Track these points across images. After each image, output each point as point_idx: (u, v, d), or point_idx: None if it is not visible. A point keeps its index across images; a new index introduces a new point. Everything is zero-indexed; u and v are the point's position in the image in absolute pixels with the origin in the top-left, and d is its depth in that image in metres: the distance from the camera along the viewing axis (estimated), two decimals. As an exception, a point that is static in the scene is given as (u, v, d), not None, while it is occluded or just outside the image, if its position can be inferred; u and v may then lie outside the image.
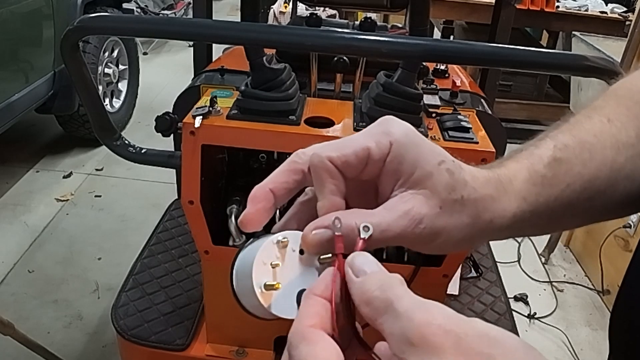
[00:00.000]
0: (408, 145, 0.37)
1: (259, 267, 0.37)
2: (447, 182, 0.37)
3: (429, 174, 0.37)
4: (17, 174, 3.04)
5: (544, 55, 1.01)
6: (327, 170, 0.36)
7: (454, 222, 0.38)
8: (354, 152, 0.36)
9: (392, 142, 0.37)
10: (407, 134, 0.37)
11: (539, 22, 3.86)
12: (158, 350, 1.21)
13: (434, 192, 0.37)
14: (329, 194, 0.37)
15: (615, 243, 2.31)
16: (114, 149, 1.23)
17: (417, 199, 0.37)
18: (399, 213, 0.36)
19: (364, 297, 0.31)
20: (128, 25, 1.06)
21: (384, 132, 0.37)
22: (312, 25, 1.15)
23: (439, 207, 0.37)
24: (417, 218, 0.36)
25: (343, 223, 0.35)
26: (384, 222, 0.36)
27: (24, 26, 2.65)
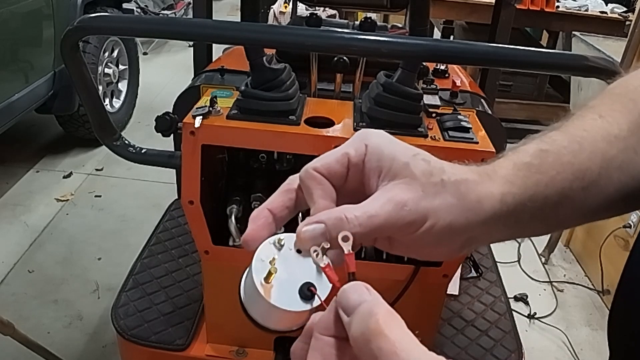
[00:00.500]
0: (382, 144, 0.40)
1: (257, 264, 0.39)
2: (424, 168, 0.39)
3: (406, 164, 0.39)
4: (17, 174, 3.04)
5: (544, 55, 1.01)
6: (313, 178, 0.40)
7: (439, 202, 0.39)
8: (335, 159, 0.40)
9: (367, 144, 0.40)
10: (380, 136, 0.41)
11: (539, 22, 3.86)
12: (158, 350, 1.21)
13: (414, 178, 0.39)
14: (318, 198, 0.39)
15: (615, 243, 2.31)
16: (114, 149, 1.23)
17: (399, 186, 0.38)
18: (383, 200, 0.38)
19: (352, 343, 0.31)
20: (128, 25, 1.06)
21: (360, 139, 0.41)
22: (312, 25, 1.15)
23: (420, 190, 0.38)
24: (401, 202, 0.38)
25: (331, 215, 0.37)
26: (371, 209, 0.37)
27: (24, 26, 2.65)
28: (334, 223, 0.37)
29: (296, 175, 0.42)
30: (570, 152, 0.43)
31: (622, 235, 2.28)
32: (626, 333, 0.49)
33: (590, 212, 0.45)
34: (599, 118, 0.45)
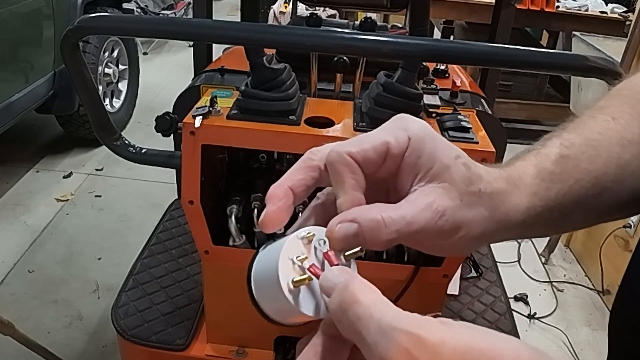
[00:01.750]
0: (425, 139, 0.37)
1: (284, 263, 0.35)
2: (464, 174, 0.37)
3: (447, 167, 0.37)
4: (17, 174, 3.04)
5: (544, 55, 1.01)
6: (347, 165, 0.36)
7: (474, 214, 0.38)
8: (373, 146, 0.36)
9: (410, 137, 0.37)
10: (423, 129, 0.38)
11: (539, 22, 3.86)
12: (158, 350, 1.21)
13: (453, 184, 0.37)
14: (350, 189, 0.36)
15: (615, 243, 2.31)
16: (114, 149, 1.23)
17: (438, 192, 0.36)
18: (422, 206, 0.36)
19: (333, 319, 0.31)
20: (128, 25, 1.06)
21: (401, 127, 0.37)
22: (312, 25, 1.15)
23: (459, 199, 0.37)
24: (440, 210, 0.36)
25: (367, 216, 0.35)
26: (408, 214, 0.35)
27: (24, 26, 2.65)
28: (370, 226, 0.34)
29: (318, 149, 0.39)
30: (588, 159, 0.43)
31: (622, 235, 2.28)
32: (627, 329, 0.49)
33: (600, 215, 0.45)
34: (612, 120, 0.45)
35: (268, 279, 0.36)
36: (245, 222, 1.13)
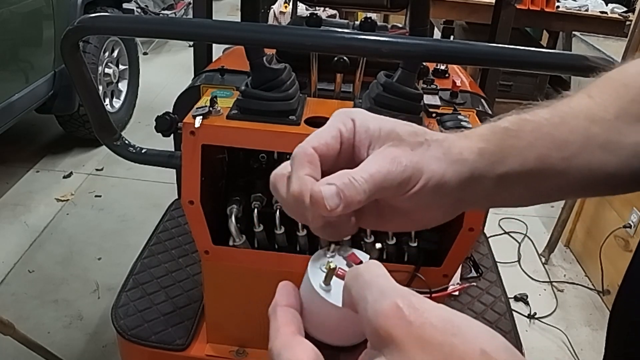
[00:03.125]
0: (367, 117, 0.42)
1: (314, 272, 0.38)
2: (409, 130, 0.41)
3: (392, 128, 0.41)
4: (17, 174, 3.04)
5: (544, 55, 1.01)
6: (308, 156, 0.39)
7: (428, 157, 0.40)
8: (330, 135, 0.41)
9: (353, 119, 0.41)
10: (361, 111, 0.42)
11: (539, 22, 3.87)
12: (158, 350, 1.21)
13: (401, 140, 0.40)
14: (303, 175, 0.39)
15: (615, 243, 2.31)
16: (114, 149, 1.23)
17: (390, 148, 0.40)
18: (380, 159, 0.39)
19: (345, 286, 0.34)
20: (128, 25, 1.06)
21: (345, 116, 0.42)
22: (312, 25, 1.15)
23: (409, 149, 0.40)
24: (396, 157, 0.39)
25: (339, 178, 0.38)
26: (371, 168, 0.38)
27: (24, 26, 2.65)
28: (344, 183, 0.37)
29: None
30: (551, 124, 0.44)
31: (622, 235, 2.28)
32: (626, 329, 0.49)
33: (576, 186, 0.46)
34: (587, 97, 0.46)
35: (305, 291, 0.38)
36: (245, 222, 1.13)
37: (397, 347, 0.28)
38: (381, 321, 0.29)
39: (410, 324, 0.28)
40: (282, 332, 0.34)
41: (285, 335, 0.34)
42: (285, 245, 1.10)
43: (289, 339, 0.34)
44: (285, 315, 0.36)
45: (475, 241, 1.35)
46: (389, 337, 0.29)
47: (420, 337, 0.28)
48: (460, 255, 1.07)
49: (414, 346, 0.28)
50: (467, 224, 1.00)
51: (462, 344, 0.28)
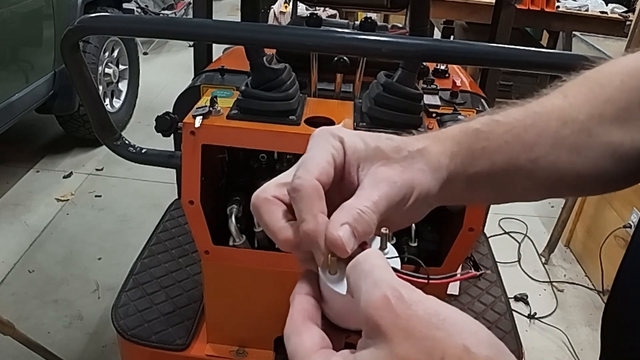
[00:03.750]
0: (351, 135, 0.42)
1: None
2: (392, 146, 0.42)
3: (376, 147, 0.41)
4: (17, 174, 3.04)
5: (544, 55, 1.01)
6: (317, 191, 0.38)
7: (416, 171, 0.42)
8: (327, 162, 0.40)
9: (342, 141, 0.41)
10: (342, 129, 0.42)
11: (539, 22, 3.87)
12: (158, 350, 1.21)
13: (389, 158, 0.41)
14: (319, 213, 0.38)
15: (615, 243, 2.31)
16: (114, 149, 1.23)
17: (381, 169, 0.40)
18: (377, 184, 0.40)
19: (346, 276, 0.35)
20: (128, 25, 1.06)
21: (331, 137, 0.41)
22: (312, 25, 1.15)
23: (399, 166, 0.41)
24: (392, 179, 0.40)
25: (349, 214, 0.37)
26: (373, 195, 0.39)
27: (24, 26, 2.65)
28: (356, 219, 0.37)
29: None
30: (522, 126, 0.45)
31: (622, 236, 2.28)
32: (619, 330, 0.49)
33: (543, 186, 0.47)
34: (562, 98, 0.47)
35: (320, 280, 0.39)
36: (245, 222, 1.13)
37: (383, 337, 0.29)
38: (371, 311, 0.30)
39: (397, 316, 0.29)
40: (295, 319, 0.36)
41: (297, 321, 0.36)
42: (285, 245, 1.10)
43: (299, 325, 0.35)
44: (300, 303, 0.37)
45: (475, 241, 1.35)
46: (377, 328, 0.30)
47: (405, 329, 0.29)
48: (460, 255, 1.07)
49: (399, 338, 0.29)
50: (467, 224, 1.00)
51: (445, 338, 0.28)
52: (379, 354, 0.30)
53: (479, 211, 1.01)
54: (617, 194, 2.38)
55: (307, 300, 0.37)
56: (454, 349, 0.28)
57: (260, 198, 0.40)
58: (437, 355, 0.28)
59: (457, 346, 0.28)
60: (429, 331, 0.29)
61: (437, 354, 0.28)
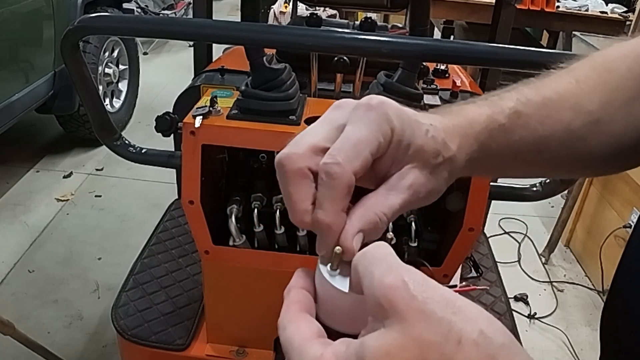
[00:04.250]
0: (404, 127, 0.39)
1: None
2: (434, 149, 0.41)
3: (421, 147, 0.40)
4: (17, 174, 3.04)
5: (544, 55, 1.01)
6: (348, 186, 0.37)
7: (439, 180, 0.42)
8: (371, 152, 0.37)
9: (392, 129, 0.39)
10: (399, 116, 0.39)
11: (539, 22, 3.87)
12: (158, 350, 1.21)
13: (426, 162, 0.40)
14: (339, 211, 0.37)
15: (615, 243, 2.31)
16: (114, 149, 1.23)
17: (414, 172, 0.40)
18: (403, 190, 0.39)
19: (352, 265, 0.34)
20: (128, 25, 1.06)
21: (384, 117, 0.38)
22: (312, 25, 1.15)
23: (429, 173, 0.41)
24: (418, 189, 0.40)
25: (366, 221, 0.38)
26: (396, 204, 0.39)
27: (24, 26, 2.65)
28: (371, 228, 0.38)
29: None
30: (538, 118, 0.46)
31: (622, 235, 2.28)
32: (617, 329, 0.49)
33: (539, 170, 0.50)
34: (574, 83, 0.47)
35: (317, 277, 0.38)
36: (245, 222, 1.13)
37: (398, 317, 0.29)
38: (386, 291, 0.30)
39: (414, 297, 0.29)
40: (291, 309, 0.36)
41: (293, 311, 0.35)
42: (285, 245, 1.10)
43: (296, 315, 0.35)
44: (297, 295, 0.37)
45: (475, 241, 1.35)
46: (392, 308, 0.29)
47: (422, 310, 0.28)
48: (460, 255, 1.07)
49: (415, 318, 0.28)
50: (467, 224, 1.00)
51: (461, 321, 0.28)
52: (390, 335, 0.29)
53: (479, 211, 1.01)
54: (617, 194, 2.38)
55: (304, 294, 0.37)
56: (471, 332, 0.28)
57: (294, 167, 0.38)
58: (453, 338, 0.27)
59: (474, 330, 0.28)
60: (445, 314, 0.28)
61: (453, 336, 0.27)
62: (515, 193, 1.27)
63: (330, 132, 0.39)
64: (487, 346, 0.28)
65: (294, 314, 0.35)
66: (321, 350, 0.31)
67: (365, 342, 0.29)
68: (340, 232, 0.37)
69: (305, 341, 0.33)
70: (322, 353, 0.31)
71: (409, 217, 1.09)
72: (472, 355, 0.27)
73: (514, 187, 1.27)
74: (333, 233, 0.37)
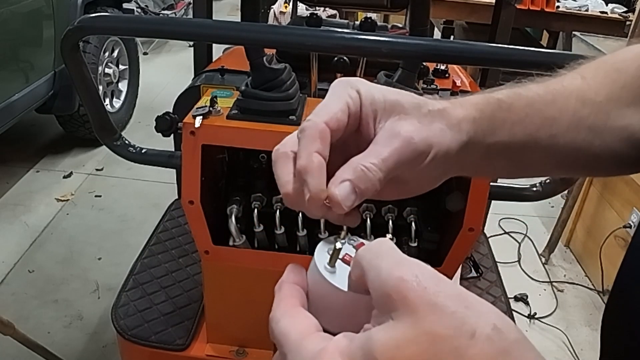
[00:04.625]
0: (369, 86, 0.41)
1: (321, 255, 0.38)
2: (413, 102, 0.41)
3: (396, 100, 0.40)
4: (17, 174, 3.04)
5: (544, 55, 1.01)
6: (321, 132, 0.38)
7: (435, 129, 0.40)
8: (340, 109, 0.39)
9: (358, 90, 0.40)
10: (362, 81, 0.41)
11: (539, 22, 3.87)
12: (158, 350, 1.21)
13: (408, 113, 0.40)
14: (313, 152, 0.37)
15: (615, 243, 2.31)
16: (114, 149, 1.23)
17: (398, 123, 0.39)
18: (391, 139, 0.39)
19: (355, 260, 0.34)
20: (128, 25, 1.06)
21: (348, 86, 0.40)
22: (312, 25, 1.15)
23: (417, 122, 0.40)
24: (408, 134, 0.39)
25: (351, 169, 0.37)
26: (384, 151, 0.38)
27: (24, 26, 2.65)
28: (359, 176, 0.37)
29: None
30: (543, 101, 0.45)
31: (623, 236, 2.28)
32: (619, 331, 0.49)
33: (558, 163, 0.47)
34: (580, 78, 0.47)
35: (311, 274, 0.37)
36: (245, 222, 1.13)
37: (408, 309, 0.28)
38: (396, 282, 0.29)
39: (425, 290, 0.28)
40: (285, 303, 0.35)
41: (287, 305, 0.34)
42: (285, 245, 1.10)
43: (290, 309, 0.34)
44: (290, 290, 0.36)
45: (475, 241, 1.35)
46: (402, 299, 0.28)
47: (434, 303, 0.28)
48: (460, 255, 1.07)
49: (427, 311, 0.27)
50: (467, 224, 1.00)
51: (474, 316, 0.27)
52: (400, 327, 0.28)
53: (479, 211, 1.01)
54: (617, 194, 2.38)
55: (297, 289, 0.36)
56: (485, 327, 0.27)
57: (279, 152, 0.40)
58: (466, 331, 0.27)
59: (488, 324, 0.27)
60: (458, 308, 0.27)
61: (466, 330, 0.27)
62: (515, 193, 1.27)
63: None
64: (501, 341, 0.27)
65: (288, 307, 0.34)
66: (322, 344, 0.30)
67: (373, 335, 0.28)
68: (320, 172, 0.37)
69: (303, 335, 0.32)
70: (323, 347, 0.30)
71: (409, 217, 1.09)
72: (486, 349, 0.26)
73: (514, 187, 1.27)
74: (309, 173, 0.37)
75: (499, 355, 0.27)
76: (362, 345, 0.28)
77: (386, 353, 0.27)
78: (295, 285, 0.36)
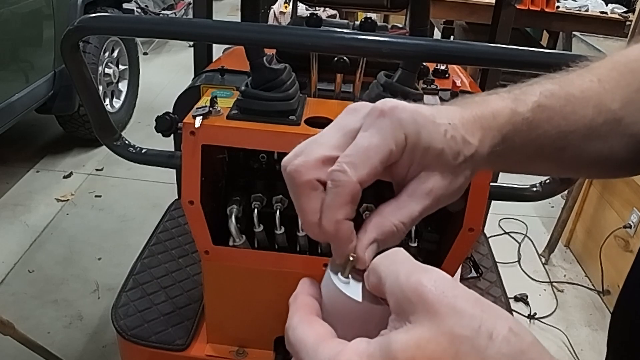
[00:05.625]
0: (420, 131, 0.38)
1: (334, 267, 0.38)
2: (454, 151, 0.39)
3: (440, 150, 0.38)
4: (17, 174, 3.04)
5: (544, 55, 1.01)
6: (353, 193, 0.36)
7: (461, 180, 0.41)
8: (381, 161, 0.36)
9: (406, 135, 0.37)
10: (415, 120, 0.38)
11: (539, 22, 3.87)
12: (158, 350, 1.21)
13: (446, 165, 0.39)
14: (342, 219, 0.37)
15: (615, 243, 2.31)
16: (114, 149, 1.23)
17: (434, 177, 0.39)
18: (422, 196, 0.39)
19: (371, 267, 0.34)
20: (128, 25, 1.06)
21: (397, 124, 0.37)
22: (312, 25, 1.15)
23: (451, 174, 0.40)
24: (438, 194, 0.39)
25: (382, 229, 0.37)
26: (415, 211, 0.38)
27: (24, 26, 2.65)
28: (387, 238, 0.38)
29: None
30: (562, 114, 0.45)
31: (622, 236, 2.28)
32: (628, 330, 0.49)
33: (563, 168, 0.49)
34: (597, 82, 0.47)
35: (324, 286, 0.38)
36: (245, 222, 1.13)
37: (428, 312, 0.29)
38: (416, 286, 0.30)
39: (444, 294, 0.29)
40: (300, 312, 0.35)
41: (303, 314, 0.35)
42: (285, 245, 1.10)
43: (307, 316, 0.35)
44: (305, 300, 0.36)
45: (475, 241, 1.35)
46: (422, 302, 0.29)
47: (453, 306, 0.29)
48: (460, 256, 1.07)
49: (446, 313, 0.28)
50: (467, 224, 1.00)
51: (491, 319, 0.28)
52: (420, 329, 0.28)
53: (479, 211, 1.01)
54: (617, 194, 2.38)
55: (311, 300, 0.37)
56: (502, 328, 0.28)
57: (303, 180, 0.37)
58: (484, 332, 0.28)
59: (505, 326, 0.28)
60: (475, 311, 0.28)
61: (485, 331, 0.28)
62: (515, 193, 1.27)
63: (341, 139, 0.38)
64: (517, 343, 0.28)
65: (304, 315, 0.35)
66: (339, 348, 0.31)
67: (392, 337, 0.29)
68: (348, 240, 0.37)
69: (320, 340, 0.32)
70: (341, 349, 0.30)
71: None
72: (504, 350, 0.27)
73: (514, 187, 1.27)
74: (340, 241, 0.37)
75: (516, 356, 0.27)
76: (381, 347, 0.29)
77: (406, 352, 0.28)
78: (310, 297, 0.37)
